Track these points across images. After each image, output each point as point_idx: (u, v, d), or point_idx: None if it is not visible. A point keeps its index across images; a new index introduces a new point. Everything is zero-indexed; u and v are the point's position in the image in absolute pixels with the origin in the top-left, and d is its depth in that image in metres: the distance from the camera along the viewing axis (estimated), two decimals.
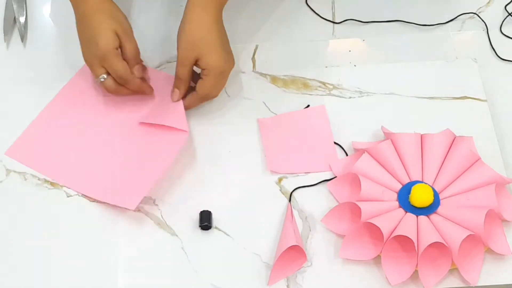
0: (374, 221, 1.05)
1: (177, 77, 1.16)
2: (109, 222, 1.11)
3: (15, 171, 1.15)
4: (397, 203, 1.10)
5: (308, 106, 1.21)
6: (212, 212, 1.11)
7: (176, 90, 1.16)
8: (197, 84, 1.16)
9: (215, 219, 1.11)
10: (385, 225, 1.05)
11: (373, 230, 1.07)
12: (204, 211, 1.11)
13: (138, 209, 1.12)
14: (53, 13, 1.32)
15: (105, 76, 1.13)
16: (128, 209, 1.10)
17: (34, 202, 1.13)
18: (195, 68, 1.16)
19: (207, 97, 1.17)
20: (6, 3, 1.30)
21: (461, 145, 1.13)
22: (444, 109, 1.21)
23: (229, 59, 1.15)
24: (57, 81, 1.23)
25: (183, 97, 1.17)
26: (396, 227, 1.06)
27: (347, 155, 1.17)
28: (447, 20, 1.30)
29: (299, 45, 1.28)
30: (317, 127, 1.19)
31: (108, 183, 1.12)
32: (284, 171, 1.15)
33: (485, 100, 1.21)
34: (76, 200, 1.13)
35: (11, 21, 1.28)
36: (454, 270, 1.06)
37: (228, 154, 1.16)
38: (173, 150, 1.12)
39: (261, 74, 1.24)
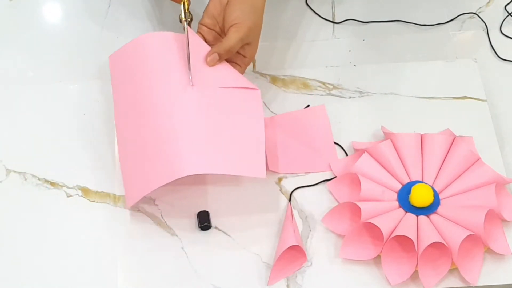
0: (374, 221, 1.05)
1: (228, 49, 1.12)
2: (109, 222, 1.11)
3: (15, 171, 1.15)
4: (397, 203, 1.10)
5: (308, 106, 1.21)
6: (212, 212, 1.11)
7: (217, 56, 1.12)
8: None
9: (215, 219, 1.11)
10: (385, 225, 1.06)
11: (373, 230, 1.07)
12: (201, 211, 1.11)
13: (138, 209, 1.12)
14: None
15: None
16: (128, 210, 1.11)
17: (34, 202, 1.13)
18: None
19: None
20: None
21: (461, 145, 1.13)
22: (444, 109, 1.21)
23: None
24: (56, 81, 1.23)
25: None
26: (396, 227, 1.06)
27: (347, 155, 1.17)
28: (447, 20, 1.30)
29: (299, 45, 1.28)
30: (317, 127, 1.19)
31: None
32: (284, 171, 1.15)
33: (485, 100, 1.21)
34: (76, 200, 1.13)
35: None
36: (454, 270, 1.06)
37: None
38: (257, 105, 1.11)
39: (261, 74, 1.24)
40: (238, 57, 1.15)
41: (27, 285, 1.07)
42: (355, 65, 1.26)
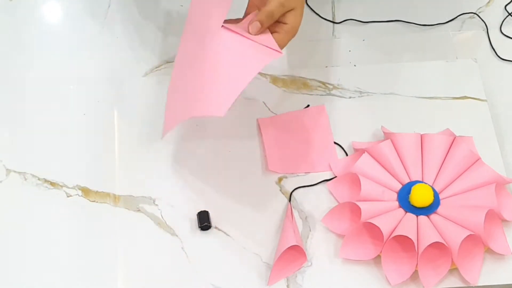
0: (374, 221, 1.05)
1: (269, 14, 1.07)
2: (109, 222, 1.11)
3: (15, 171, 1.15)
4: (397, 203, 1.10)
5: (308, 106, 1.21)
6: (212, 212, 1.11)
7: (258, 24, 1.07)
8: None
9: (215, 219, 1.11)
10: (385, 225, 1.06)
11: (373, 230, 1.07)
12: (201, 211, 1.11)
13: (138, 209, 1.12)
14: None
15: None
16: (127, 210, 1.11)
17: (34, 202, 1.13)
18: None
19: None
20: None
21: (461, 145, 1.13)
22: (444, 109, 1.21)
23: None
24: (56, 81, 1.23)
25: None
26: (396, 227, 1.06)
27: (347, 155, 1.17)
28: (447, 20, 1.30)
29: (299, 45, 1.27)
30: (317, 127, 1.19)
31: (194, 95, 1.07)
32: (284, 171, 1.15)
33: (485, 100, 1.21)
34: (76, 200, 1.13)
35: None
36: (454, 270, 1.06)
37: (228, 154, 1.16)
38: (260, 61, 1.06)
39: (261, 74, 1.24)
40: (278, 25, 1.09)
41: (27, 285, 1.07)
42: (355, 65, 1.26)
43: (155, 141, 1.17)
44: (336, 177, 1.14)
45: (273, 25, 1.09)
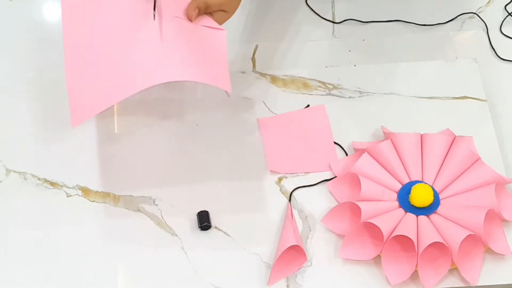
0: (374, 221, 1.05)
1: (206, 6, 1.11)
2: (109, 222, 1.11)
3: (15, 171, 1.15)
4: (397, 203, 1.10)
5: (308, 106, 1.21)
6: (211, 212, 1.11)
7: (197, 10, 1.10)
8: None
9: (215, 219, 1.11)
10: (385, 225, 1.06)
11: (373, 230, 1.07)
12: (201, 211, 1.11)
13: (138, 209, 1.12)
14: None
15: None
16: (127, 210, 1.12)
17: (34, 202, 1.13)
18: None
19: None
20: None
21: (461, 145, 1.13)
22: (444, 109, 1.21)
23: None
24: (56, 81, 1.23)
25: None
26: (396, 227, 1.06)
27: (347, 155, 1.17)
28: (447, 20, 1.30)
29: (299, 45, 1.28)
30: (317, 127, 1.19)
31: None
32: (284, 171, 1.15)
33: (485, 100, 1.21)
34: (76, 200, 1.13)
35: None
36: (454, 270, 1.06)
37: (228, 154, 1.16)
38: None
39: (261, 74, 1.24)
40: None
41: (27, 285, 1.07)
42: (355, 65, 1.26)
43: (155, 141, 1.17)
44: (336, 177, 1.14)
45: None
